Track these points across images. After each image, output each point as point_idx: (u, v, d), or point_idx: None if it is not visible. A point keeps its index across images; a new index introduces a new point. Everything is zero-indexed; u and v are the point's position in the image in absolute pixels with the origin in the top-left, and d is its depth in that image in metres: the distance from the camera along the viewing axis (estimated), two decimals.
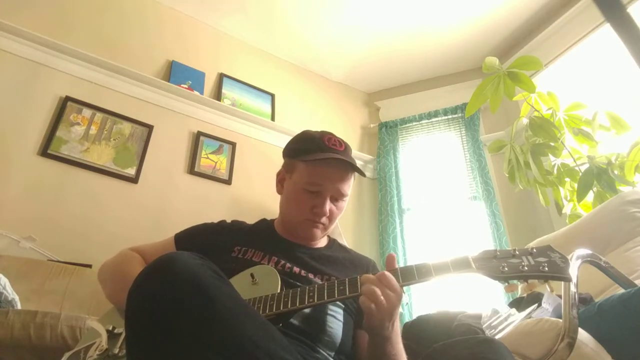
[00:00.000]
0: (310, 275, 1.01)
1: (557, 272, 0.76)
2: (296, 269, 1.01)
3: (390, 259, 0.86)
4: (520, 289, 1.96)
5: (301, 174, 1.06)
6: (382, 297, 0.77)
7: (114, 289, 1.00)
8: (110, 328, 0.85)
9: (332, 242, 1.19)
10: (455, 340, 0.73)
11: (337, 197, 1.07)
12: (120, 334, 0.83)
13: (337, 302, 0.96)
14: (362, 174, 1.10)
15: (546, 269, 0.77)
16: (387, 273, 0.81)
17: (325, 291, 0.84)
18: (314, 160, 1.04)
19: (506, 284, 0.81)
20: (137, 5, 2.90)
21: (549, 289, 0.80)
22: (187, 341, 0.59)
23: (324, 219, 1.07)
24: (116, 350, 0.79)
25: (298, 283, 0.96)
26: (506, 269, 0.79)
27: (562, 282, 0.91)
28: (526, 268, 0.78)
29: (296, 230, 1.10)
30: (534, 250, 0.81)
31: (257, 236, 1.13)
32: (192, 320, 0.60)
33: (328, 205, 1.05)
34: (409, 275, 0.83)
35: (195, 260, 0.67)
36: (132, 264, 1.04)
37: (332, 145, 1.07)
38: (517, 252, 0.82)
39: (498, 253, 0.82)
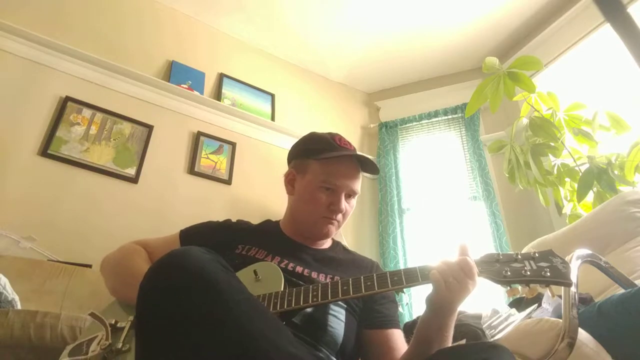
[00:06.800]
0: (314, 275, 1.01)
1: (559, 278, 0.77)
2: (299, 269, 1.01)
3: (463, 249, 0.85)
4: (520, 289, 1.96)
5: (316, 172, 1.08)
6: (453, 273, 0.78)
7: (117, 283, 1.00)
8: (113, 322, 0.84)
9: (335, 243, 1.20)
10: (461, 345, 0.74)
11: (350, 194, 1.10)
12: (123, 328, 0.83)
13: (340, 302, 0.96)
14: (376, 171, 1.11)
15: (548, 274, 0.77)
16: (467, 258, 0.81)
17: (329, 291, 0.85)
18: (329, 158, 1.07)
19: (508, 287, 0.81)
20: (138, 6, 2.90)
21: (549, 294, 0.80)
22: (196, 334, 0.60)
23: (339, 216, 1.09)
24: (119, 345, 0.78)
25: (301, 282, 0.97)
26: (509, 273, 0.79)
27: None
28: (529, 273, 0.78)
29: (311, 229, 1.10)
30: (536, 254, 0.81)
31: (262, 236, 1.13)
32: (202, 314, 0.62)
33: (344, 203, 1.07)
34: (412, 277, 0.83)
35: (206, 255, 0.69)
36: (136, 258, 1.04)
37: (344, 145, 1.11)
38: (519, 257, 0.82)
39: (500, 257, 0.83)
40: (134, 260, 1.02)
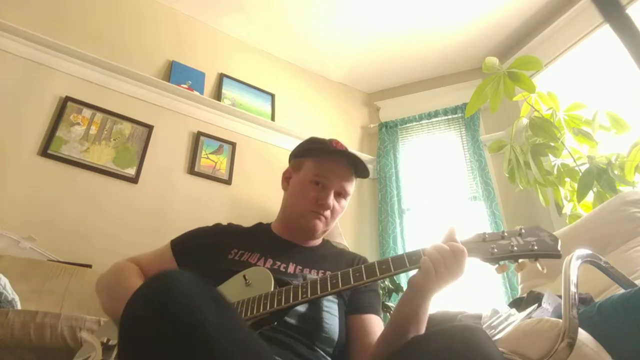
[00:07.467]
0: (306, 271, 1.02)
1: (547, 250, 0.76)
2: (291, 268, 1.02)
3: (452, 232, 0.85)
4: (520, 289, 1.96)
5: (309, 168, 1.13)
6: (445, 262, 0.78)
7: (111, 301, 0.96)
8: (105, 340, 0.83)
9: (325, 242, 1.23)
10: (437, 329, 0.73)
11: (340, 193, 1.12)
12: (115, 346, 0.81)
13: (331, 297, 0.96)
14: (366, 173, 1.13)
15: (536, 247, 0.77)
16: (459, 245, 0.81)
17: (318, 286, 0.84)
18: (322, 155, 1.12)
19: (497, 265, 0.81)
20: (138, 6, 2.90)
21: (539, 267, 0.78)
22: None
23: (327, 212, 1.10)
24: None
25: (293, 281, 0.96)
26: (496, 250, 0.79)
27: (562, 282, 0.92)
28: (516, 248, 0.78)
29: (299, 223, 1.11)
30: (523, 230, 0.81)
31: (253, 238, 1.14)
32: (185, 357, 0.55)
33: (332, 200, 1.10)
34: (400, 263, 0.83)
35: (192, 288, 0.61)
36: (129, 275, 1.02)
37: (339, 148, 1.15)
38: (505, 234, 0.82)
39: (487, 236, 0.83)
40: (127, 278, 0.99)
